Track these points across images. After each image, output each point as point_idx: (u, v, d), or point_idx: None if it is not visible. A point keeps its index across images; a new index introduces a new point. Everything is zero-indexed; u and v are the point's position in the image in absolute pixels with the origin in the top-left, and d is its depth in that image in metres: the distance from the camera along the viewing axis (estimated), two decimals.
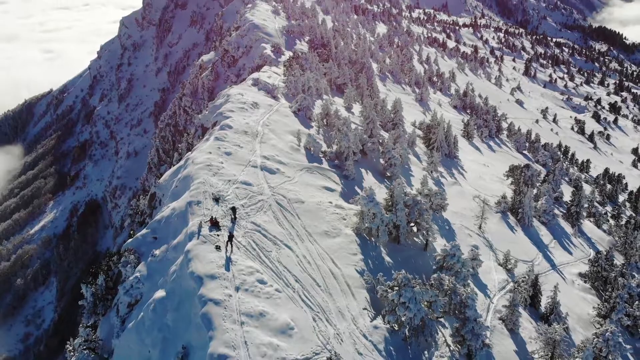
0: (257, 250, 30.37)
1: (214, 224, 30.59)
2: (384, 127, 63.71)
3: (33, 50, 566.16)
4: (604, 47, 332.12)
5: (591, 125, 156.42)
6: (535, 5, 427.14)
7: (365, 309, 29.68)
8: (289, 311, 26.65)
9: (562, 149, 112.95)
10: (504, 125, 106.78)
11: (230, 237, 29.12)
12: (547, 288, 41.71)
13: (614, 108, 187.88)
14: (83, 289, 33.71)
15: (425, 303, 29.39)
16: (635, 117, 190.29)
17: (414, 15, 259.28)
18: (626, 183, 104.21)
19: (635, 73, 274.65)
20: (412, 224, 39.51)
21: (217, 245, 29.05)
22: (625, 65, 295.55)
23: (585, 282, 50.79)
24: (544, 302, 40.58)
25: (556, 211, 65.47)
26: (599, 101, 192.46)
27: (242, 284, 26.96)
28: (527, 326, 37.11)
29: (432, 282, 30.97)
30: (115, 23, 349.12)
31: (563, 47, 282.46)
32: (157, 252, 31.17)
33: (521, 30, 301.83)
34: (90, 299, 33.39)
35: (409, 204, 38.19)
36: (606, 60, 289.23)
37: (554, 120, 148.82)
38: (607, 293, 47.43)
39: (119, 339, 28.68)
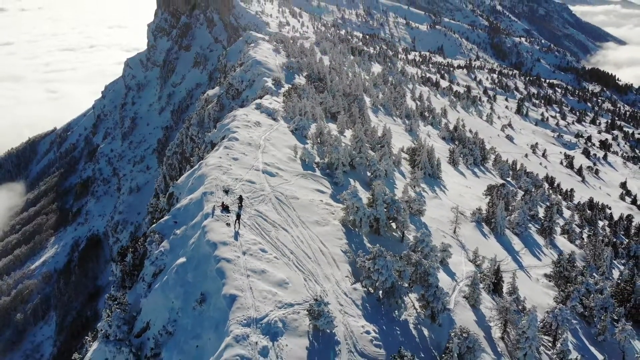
0: (260, 229, 37.33)
1: (225, 208, 37.69)
2: (372, 149, 71.04)
3: (37, 90, 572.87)
4: (597, 88, 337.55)
5: (581, 161, 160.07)
6: (529, 48, 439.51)
7: (347, 276, 36.38)
8: (285, 272, 33.43)
9: (549, 180, 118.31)
10: (492, 157, 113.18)
11: (238, 217, 36.24)
12: (509, 275, 48.26)
13: (604, 145, 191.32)
14: (113, 266, 40.48)
15: (396, 272, 36.02)
16: (625, 154, 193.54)
17: (410, 57, 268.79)
18: (611, 213, 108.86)
19: (628, 113, 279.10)
20: (390, 221, 46.39)
21: (227, 223, 36.13)
22: (619, 105, 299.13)
23: (549, 281, 57.15)
24: (506, 288, 47.09)
25: (530, 226, 72.20)
26: (589, 138, 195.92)
27: (248, 250, 33.86)
28: (488, 305, 43.50)
29: (402, 256, 37.67)
30: (119, 65, 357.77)
31: (556, 88, 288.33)
32: (177, 231, 38.06)
33: (515, 71, 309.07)
34: (119, 275, 40.06)
35: (388, 202, 45.12)
36: (599, 100, 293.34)
37: (544, 155, 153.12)
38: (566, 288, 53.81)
39: (146, 298, 35.29)
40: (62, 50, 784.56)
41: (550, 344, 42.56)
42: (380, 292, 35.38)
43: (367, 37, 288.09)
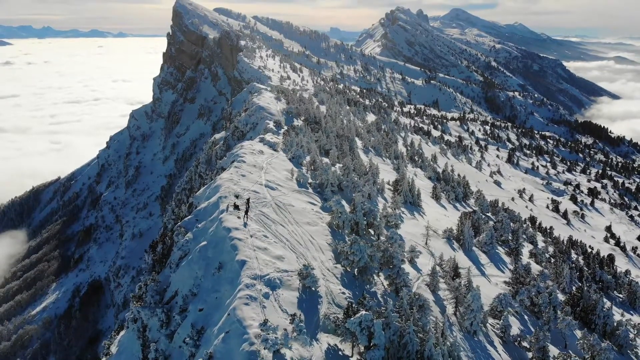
0: (262, 223, 48.16)
1: (236, 207, 48.56)
2: (359, 179, 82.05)
3: (42, 141, 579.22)
4: (589, 140, 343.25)
5: (567, 206, 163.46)
6: (523, 102, 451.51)
7: (329, 259, 46.90)
8: (282, 251, 44.05)
9: (531, 220, 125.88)
10: (475, 196, 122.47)
11: (246, 212, 47.11)
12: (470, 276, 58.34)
13: (593, 192, 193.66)
14: (145, 256, 50.89)
15: (368, 256, 46.45)
16: (613, 201, 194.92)
17: (405, 109, 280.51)
18: (591, 251, 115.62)
19: (619, 164, 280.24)
20: (368, 227, 56.99)
21: (238, 216, 47.06)
22: (611, 156, 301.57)
23: (507, 286, 67.02)
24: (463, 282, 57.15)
25: (500, 248, 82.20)
26: (578, 186, 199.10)
27: (254, 234, 44.61)
28: (446, 292, 53.57)
29: (373, 244, 48.18)
30: (123, 117, 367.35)
31: (548, 139, 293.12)
32: (199, 225, 48.84)
33: (508, 123, 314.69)
34: (150, 262, 50.47)
35: (366, 210, 55.90)
36: (592, 152, 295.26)
37: (530, 199, 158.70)
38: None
39: (175, 273, 45.66)
40: (67, 103, 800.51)
41: (498, 326, 52.44)
42: (356, 270, 45.76)
43: (364, 90, 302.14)
